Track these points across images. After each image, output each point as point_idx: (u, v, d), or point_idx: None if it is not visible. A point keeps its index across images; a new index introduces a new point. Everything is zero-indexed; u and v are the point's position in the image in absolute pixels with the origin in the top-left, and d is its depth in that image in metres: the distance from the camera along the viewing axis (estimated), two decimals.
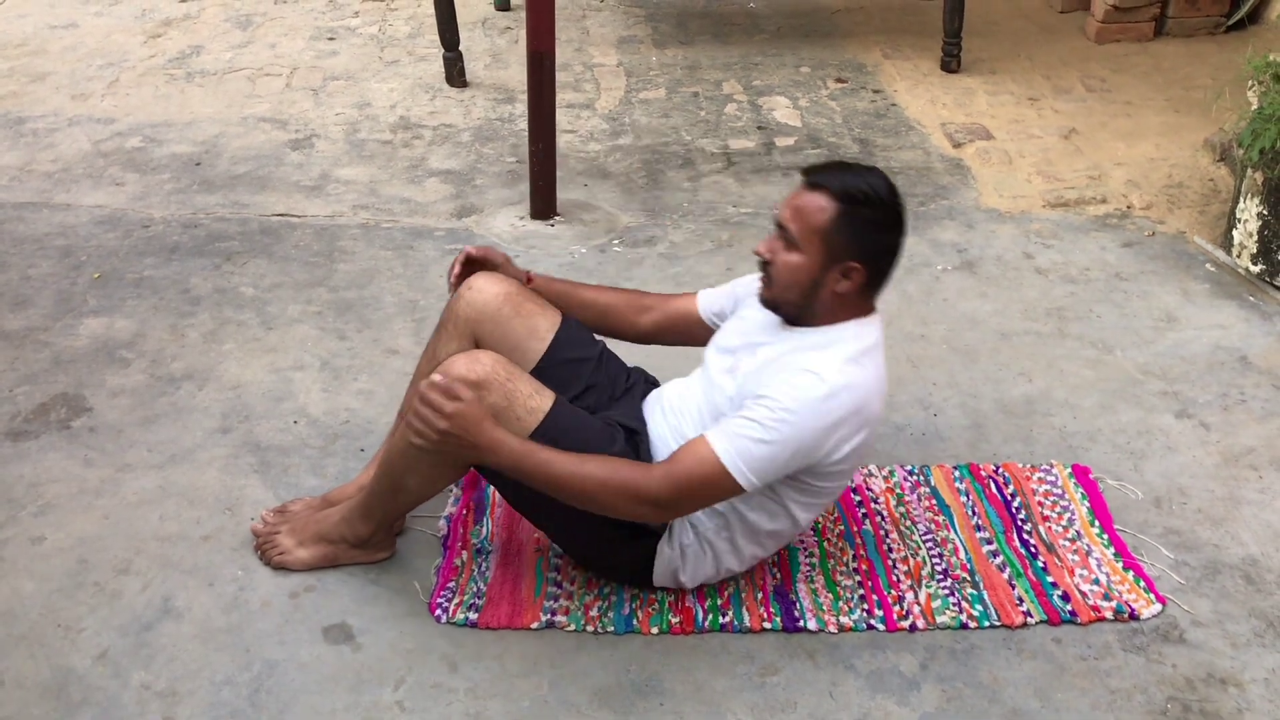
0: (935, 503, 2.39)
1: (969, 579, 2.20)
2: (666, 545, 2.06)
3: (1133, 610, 2.12)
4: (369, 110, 4.20)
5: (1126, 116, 4.17)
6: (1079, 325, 3.01)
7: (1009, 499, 2.40)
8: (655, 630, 2.08)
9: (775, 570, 2.20)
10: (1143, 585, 2.18)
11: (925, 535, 2.30)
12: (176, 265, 3.22)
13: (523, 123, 3.95)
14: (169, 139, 3.96)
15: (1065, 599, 2.15)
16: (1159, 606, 2.14)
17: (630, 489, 1.87)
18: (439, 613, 2.10)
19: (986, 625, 2.10)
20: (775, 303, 2.02)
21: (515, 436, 1.90)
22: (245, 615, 2.10)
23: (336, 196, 3.62)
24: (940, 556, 2.25)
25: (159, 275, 3.17)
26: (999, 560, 2.25)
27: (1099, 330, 2.99)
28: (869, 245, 1.95)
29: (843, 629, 2.09)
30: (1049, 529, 2.33)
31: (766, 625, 2.09)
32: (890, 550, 2.26)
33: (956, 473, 2.47)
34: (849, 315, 1.99)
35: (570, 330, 2.23)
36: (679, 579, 2.11)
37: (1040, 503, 2.39)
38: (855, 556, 2.25)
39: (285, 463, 2.47)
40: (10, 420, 2.59)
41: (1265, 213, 3.11)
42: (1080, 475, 2.46)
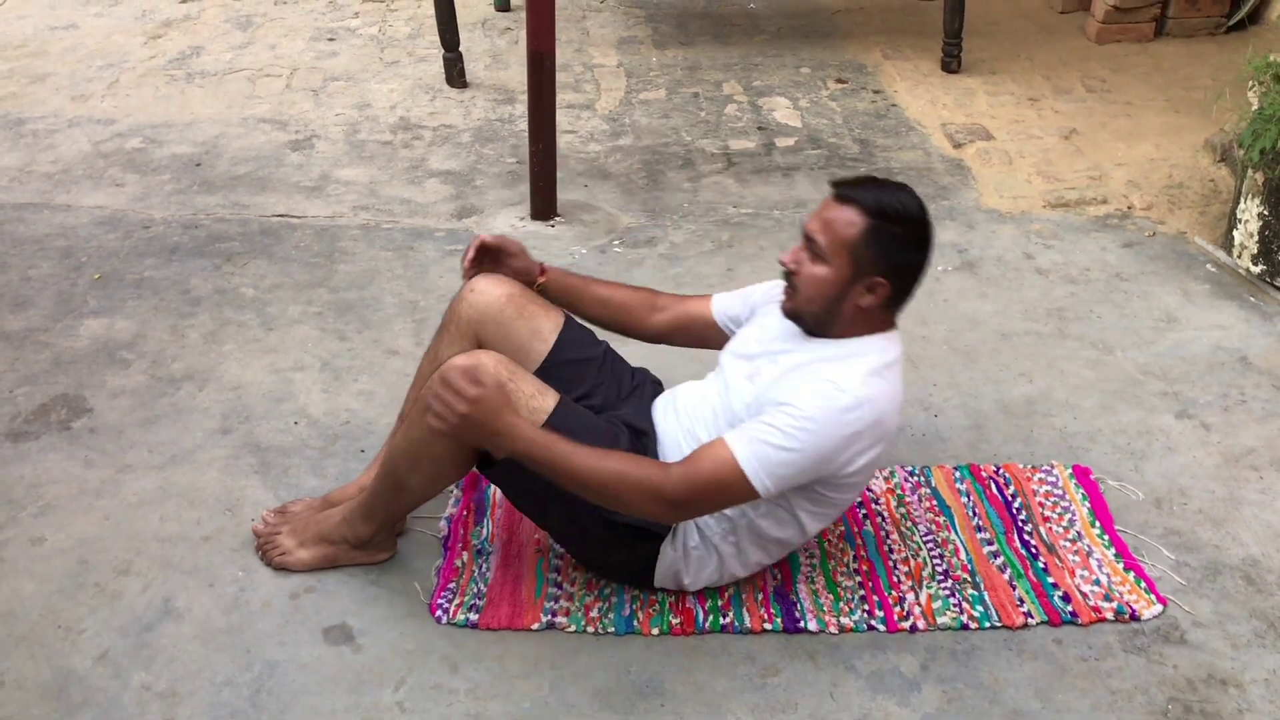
0: (936, 503, 2.39)
1: (970, 580, 2.20)
2: (670, 547, 2.06)
3: (1133, 611, 2.12)
4: (369, 111, 4.20)
5: (1127, 117, 4.17)
6: (1079, 326, 3.01)
7: (1010, 500, 2.40)
8: (656, 631, 2.08)
9: (776, 571, 2.20)
10: (1143, 586, 2.18)
11: (926, 536, 2.30)
12: (177, 266, 3.22)
13: (523, 123, 3.95)
14: (169, 140, 3.96)
15: (1066, 600, 2.15)
16: (1160, 607, 2.14)
17: (648, 487, 1.86)
18: (439, 613, 2.10)
19: (987, 626, 2.10)
20: (798, 313, 2.01)
21: (534, 426, 1.88)
22: (246, 616, 2.10)
23: (337, 197, 3.62)
24: (941, 557, 2.25)
25: (159, 276, 3.17)
26: (1000, 561, 2.25)
27: (1099, 331, 2.99)
28: (896, 262, 1.95)
29: (843, 630, 2.09)
30: (1050, 530, 2.32)
31: (767, 626, 2.09)
32: (891, 551, 2.26)
33: (957, 473, 2.47)
34: (870, 329, 1.99)
35: (573, 331, 2.23)
36: (681, 581, 2.10)
37: (1041, 503, 2.39)
38: (856, 557, 2.25)
39: (286, 463, 2.47)
40: (10, 421, 2.59)
41: (1266, 213, 3.11)
42: (1081, 476, 2.46)
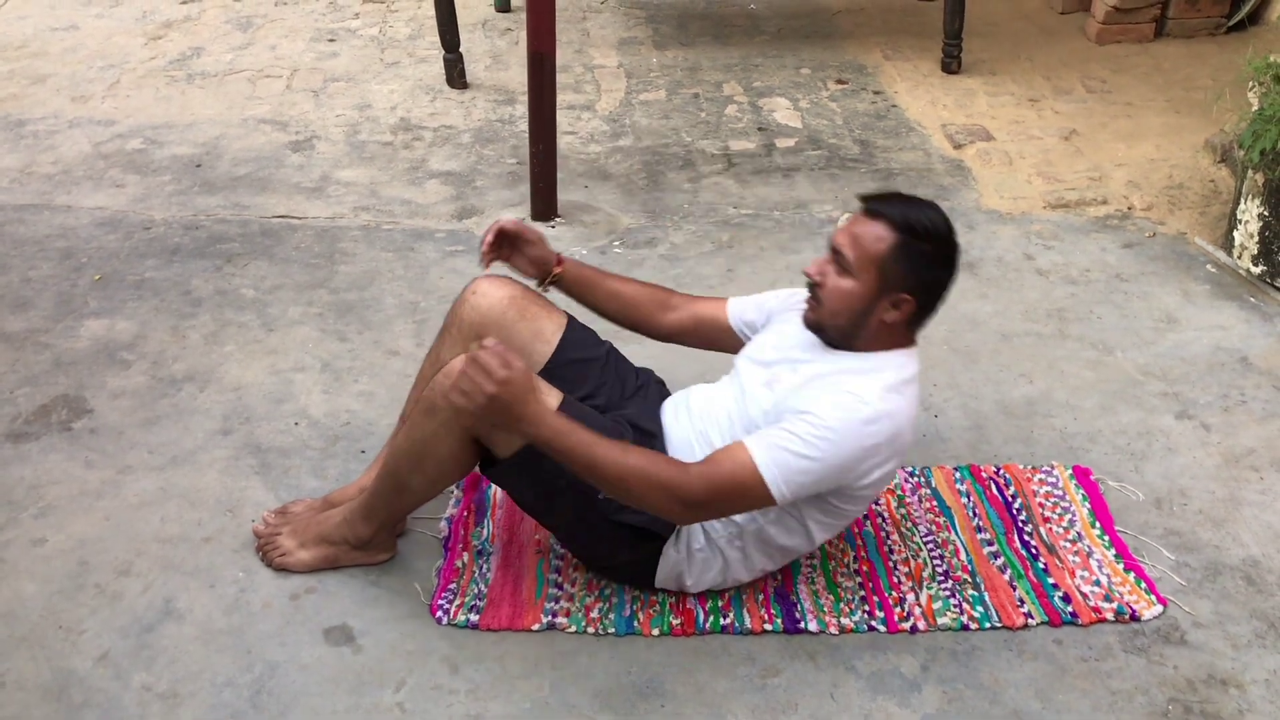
0: (936, 504, 2.39)
1: (970, 580, 2.20)
2: (673, 548, 2.05)
3: (1134, 611, 2.12)
4: (369, 112, 4.20)
5: (1127, 117, 4.17)
6: (1079, 326, 3.01)
7: (1010, 500, 2.40)
8: (656, 632, 2.08)
9: (776, 572, 2.20)
10: (1144, 586, 2.18)
11: (926, 536, 2.30)
12: (177, 267, 3.22)
13: (523, 124, 3.95)
14: (169, 141, 3.96)
15: (1066, 600, 2.15)
16: (1160, 608, 2.14)
17: (667, 485, 1.84)
18: (440, 614, 2.10)
19: (987, 626, 2.10)
20: (820, 325, 2.01)
21: (557, 414, 1.84)
22: (246, 617, 2.10)
23: (337, 198, 3.62)
24: (941, 558, 2.25)
25: (160, 277, 3.17)
26: (1000, 561, 2.25)
27: (1100, 331, 2.99)
28: (923, 279, 1.95)
29: (844, 630, 2.09)
30: (1050, 530, 2.33)
31: (767, 627, 2.09)
32: (891, 551, 2.26)
33: (957, 474, 2.47)
34: (891, 345, 1.99)
35: (576, 332, 2.23)
36: (683, 582, 2.10)
37: (1041, 504, 2.39)
38: (856, 558, 2.25)
39: (286, 464, 2.48)
40: (11, 422, 2.59)
41: (1266, 214, 3.11)
42: (1081, 476, 2.46)
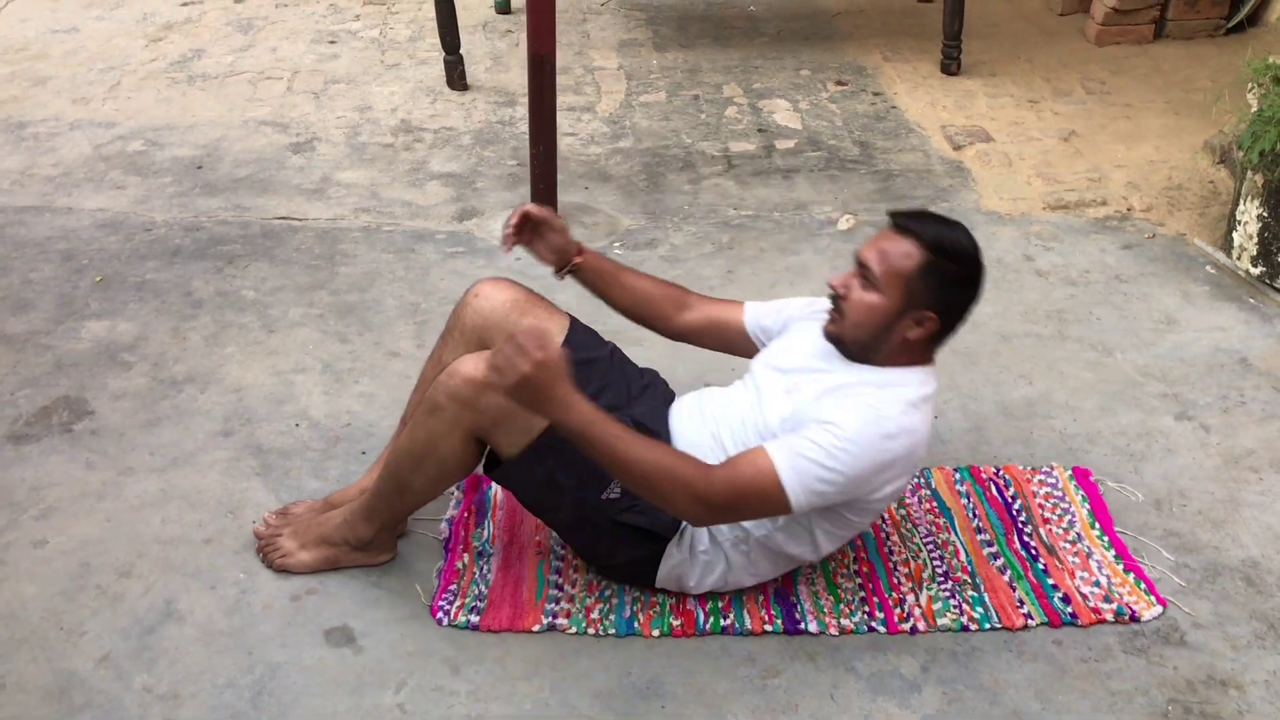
0: (936, 505, 2.39)
1: (970, 581, 2.20)
2: (676, 549, 2.05)
3: (1133, 612, 2.13)
4: (370, 113, 4.21)
5: (1126, 119, 4.17)
6: (1079, 327, 3.02)
7: (1009, 501, 2.40)
8: (656, 633, 2.08)
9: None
10: (1143, 587, 2.18)
11: (926, 537, 2.30)
12: (178, 268, 3.22)
13: (523, 126, 3.95)
14: (170, 142, 3.96)
15: (1066, 601, 2.15)
16: (1160, 608, 2.14)
17: (689, 485, 1.83)
18: (440, 615, 2.10)
19: (987, 627, 2.11)
20: (841, 337, 2.01)
21: (589, 402, 1.83)
22: (247, 618, 2.10)
23: (338, 199, 3.62)
24: (941, 559, 2.25)
25: (161, 278, 3.17)
26: (1000, 562, 2.25)
27: (1099, 332, 3.00)
28: (947, 298, 1.96)
29: (844, 631, 2.09)
30: (1049, 531, 2.33)
31: (768, 627, 2.09)
32: (891, 552, 2.27)
33: (957, 475, 2.47)
34: (910, 361, 2.00)
35: (580, 333, 2.23)
36: (684, 584, 2.10)
37: (1041, 505, 2.39)
38: (856, 559, 2.25)
39: (287, 465, 2.48)
40: (12, 423, 2.60)
41: (1265, 215, 3.11)
42: (1080, 477, 2.46)
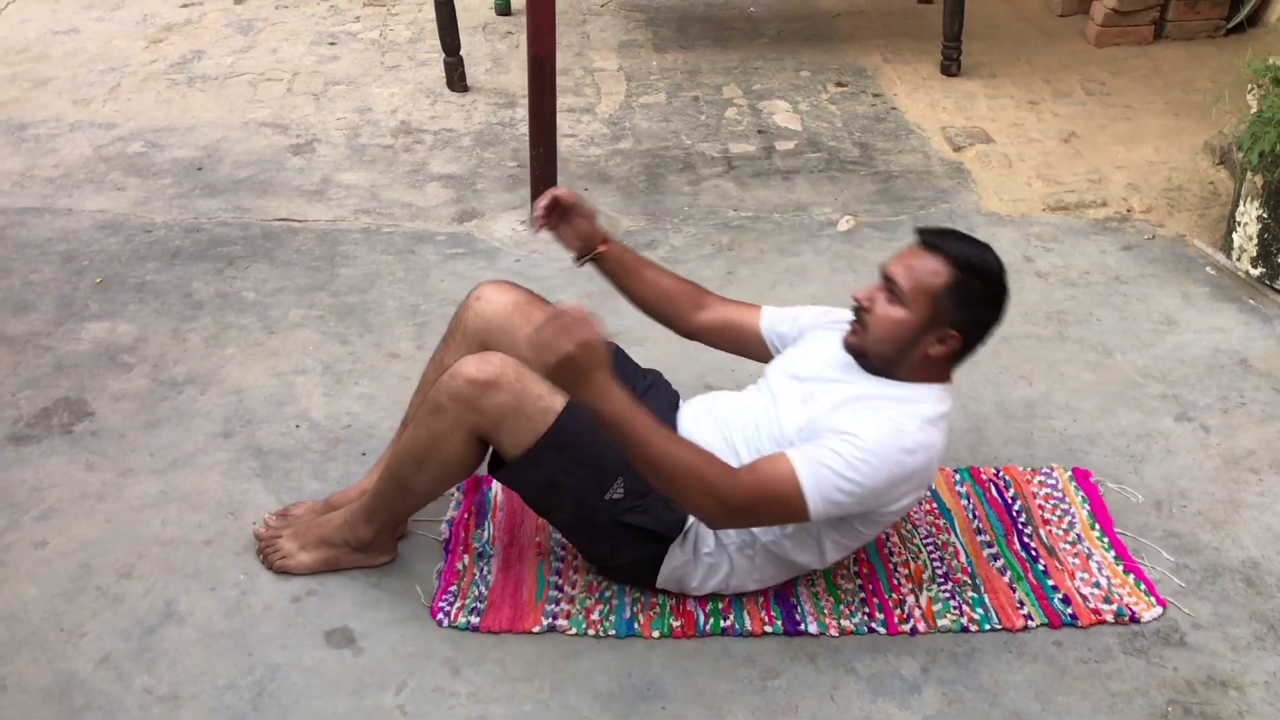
0: (936, 506, 2.39)
1: (970, 582, 2.20)
2: (679, 549, 2.05)
3: (1133, 613, 2.13)
4: (370, 115, 4.21)
5: (1126, 120, 4.17)
6: (1079, 328, 3.02)
7: (1009, 502, 2.40)
8: (657, 634, 2.08)
9: None
10: (1143, 588, 2.18)
11: (926, 538, 2.31)
12: (178, 270, 3.22)
13: (523, 127, 3.95)
14: (170, 144, 3.97)
15: (1066, 602, 2.15)
16: (1159, 609, 2.14)
17: (711, 485, 1.82)
18: (440, 616, 2.10)
19: (987, 628, 2.11)
20: (862, 349, 2.01)
21: (625, 391, 1.80)
22: (247, 619, 2.10)
23: (338, 201, 3.62)
24: (941, 560, 2.25)
25: (161, 280, 3.17)
26: (1000, 563, 2.25)
27: (1099, 333, 3.00)
28: (972, 317, 1.97)
29: (844, 632, 2.09)
30: (1049, 532, 2.33)
31: (768, 628, 2.09)
32: (891, 553, 2.27)
33: (957, 476, 2.47)
34: (929, 378, 2.00)
35: None
36: (686, 585, 2.10)
37: (1041, 506, 2.39)
38: (856, 560, 2.25)
39: (287, 467, 2.48)
40: (13, 425, 2.60)
41: (1265, 216, 3.11)
42: (1080, 478, 2.46)
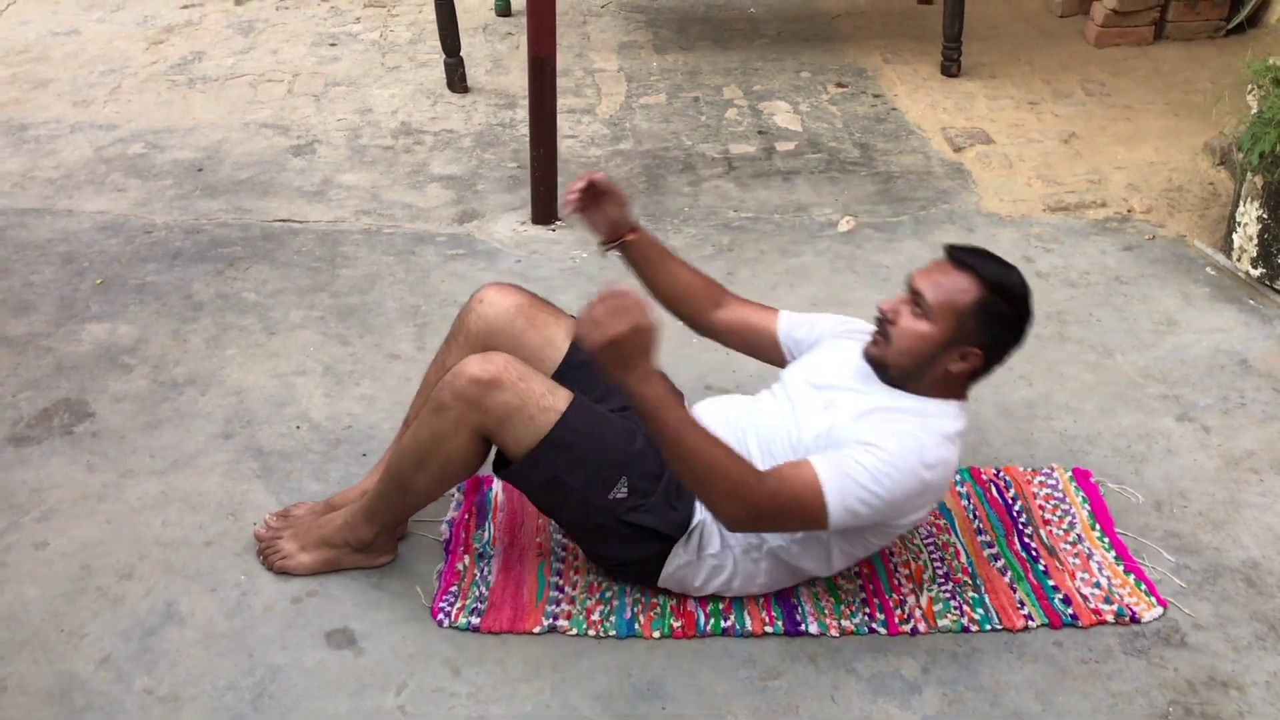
0: (936, 506, 2.39)
1: (970, 582, 2.20)
2: (683, 549, 2.05)
3: (1134, 613, 2.13)
4: (370, 116, 4.21)
5: (1126, 120, 4.17)
6: (1079, 329, 3.02)
7: (1010, 502, 2.40)
8: (657, 634, 2.08)
9: None
10: (1144, 588, 2.18)
11: (926, 539, 2.30)
12: (179, 271, 3.22)
13: (524, 128, 3.95)
14: (171, 145, 3.97)
15: (1066, 602, 2.15)
16: (1160, 610, 2.14)
17: (740, 486, 1.82)
18: (441, 617, 2.10)
19: (988, 628, 2.11)
20: (883, 361, 2.01)
21: (665, 382, 1.78)
22: (248, 620, 2.10)
23: (338, 202, 3.62)
24: (941, 560, 2.25)
25: (161, 281, 3.17)
26: (1000, 563, 2.25)
27: (1099, 334, 3.00)
28: (996, 337, 1.98)
29: (844, 632, 2.09)
30: (1050, 532, 2.33)
31: (768, 629, 2.09)
32: (891, 554, 2.27)
33: (957, 476, 2.47)
34: (946, 394, 2.01)
35: None
36: (688, 585, 2.10)
37: (1041, 506, 2.39)
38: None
39: (287, 468, 2.48)
40: (13, 426, 2.60)
41: (1265, 216, 3.11)
42: (1081, 479, 2.46)
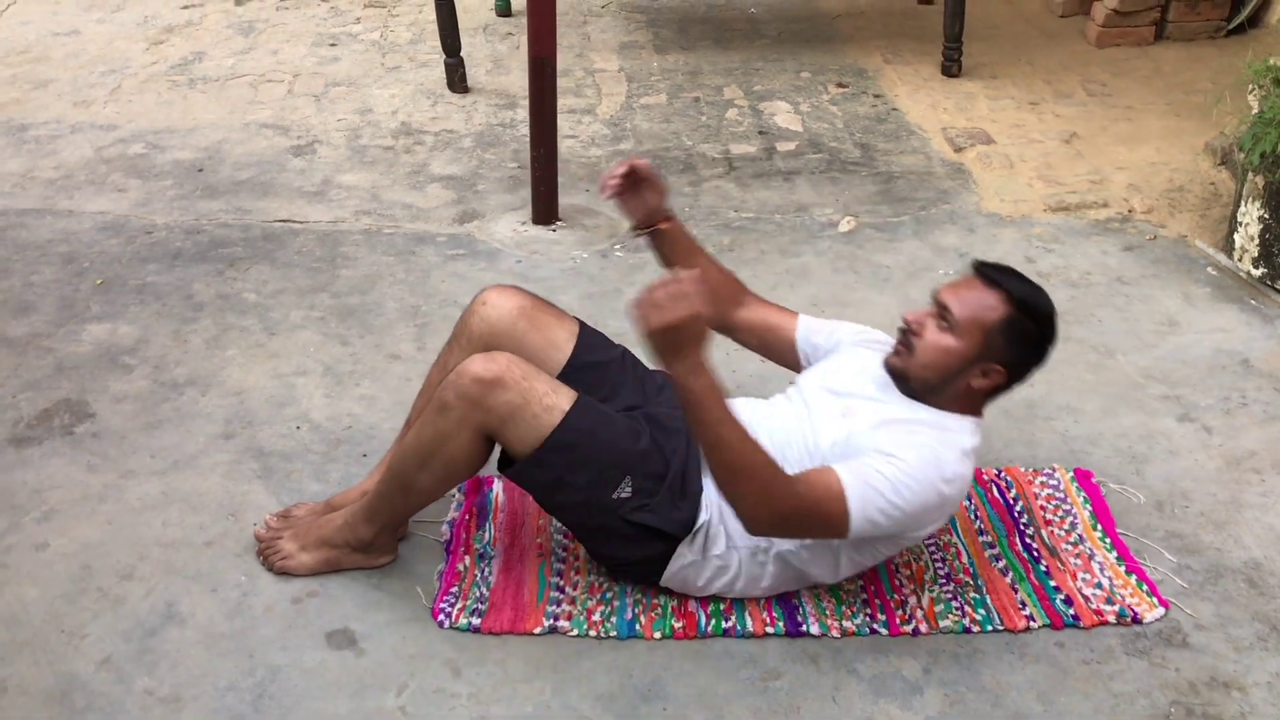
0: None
1: (971, 583, 2.20)
2: (688, 549, 2.04)
3: (1135, 614, 2.12)
4: (371, 116, 4.21)
5: (1127, 120, 4.17)
6: (1081, 329, 3.01)
7: (1011, 503, 2.40)
8: (658, 635, 2.08)
9: None
10: (1145, 589, 2.18)
11: (928, 539, 2.30)
12: (179, 271, 3.22)
13: (524, 128, 3.95)
14: (171, 145, 3.97)
15: (1068, 602, 2.15)
16: (1162, 610, 2.14)
17: (769, 488, 1.82)
18: (442, 618, 2.10)
19: (989, 629, 2.10)
20: (905, 372, 2.01)
21: (714, 375, 1.79)
22: (248, 621, 2.10)
23: (338, 202, 3.62)
24: (943, 560, 2.25)
25: (162, 281, 3.17)
26: (1002, 564, 2.25)
27: (1100, 334, 3.00)
28: (1019, 356, 1.98)
29: (845, 633, 2.09)
30: (1051, 533, 2.33)
31: (769, 630, 2.09)
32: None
33: None
34: (963, 409, 2.01)
35: (589, 336, 2.22)
36: (690, 584, 2.10)
37: (1043, 506, 2.39)
38: None
39: (288, 468, 2.48)
40: (14, 426, 2.60)
41: (1266, 216, 3.11)
42: (1082, 479, 2.46)
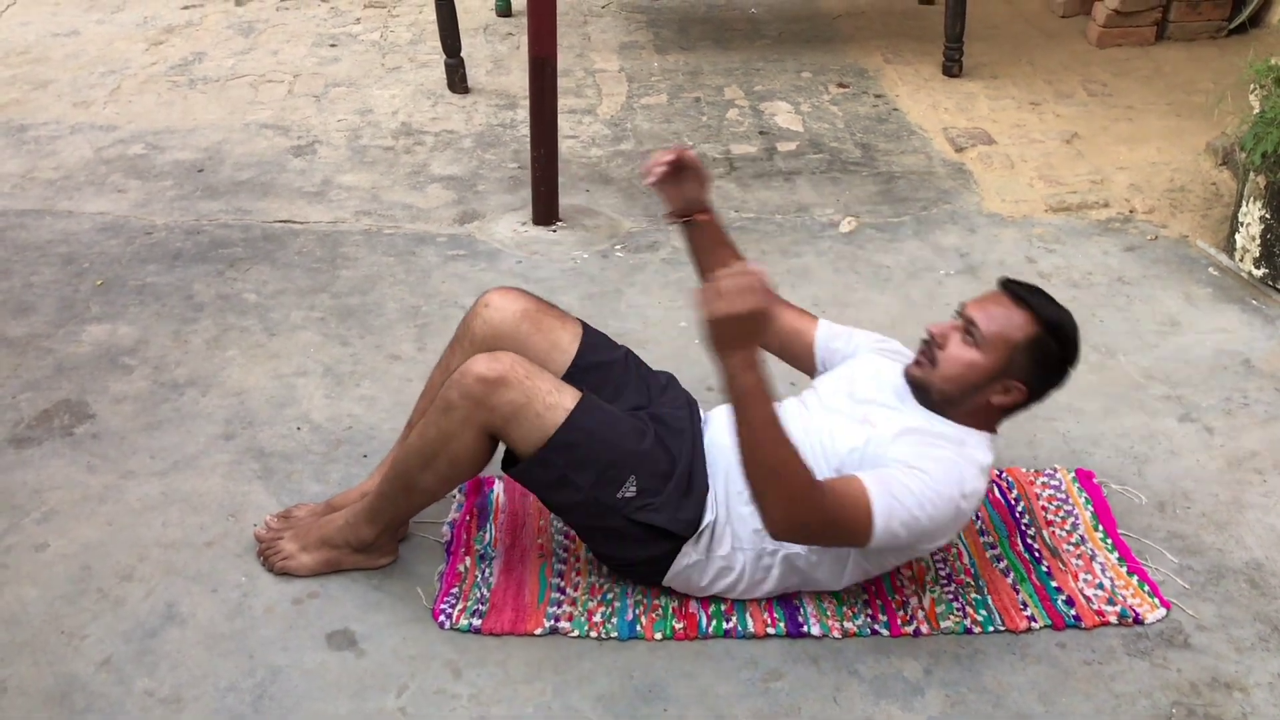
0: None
1: (973, 583, 2.20)
2: (693, 549, 2.04)
3: (1137, 614, 2.12)
4: (371, 116, 4.21)
5: (1128, 121, 4.17)
6: (1082, 329, 3.00)
7: (1013, 504, 2.39)
8: (659, 636, 2.07)
9: None
10: (1147, 589, 2.18)
11: None
12: (179, 272, 3.22)
13: (524, 128, 3.95)
14: (171, 146, 3.96)
15: (1069, 603, 2.15)
16: (1163, 611, 2.14)
17: (798, 491, 1.81)
18: (442, 619, 2.10)
19: (990, 630, 2.10)
20: (926, 383, 2.01)
21: (765, 372, 1.78)
22: (249, 621, 2.10)
23: (339, 203, 3.62)
24: (944, 561, 2.25)
25: (161, 282, 3.17)
26: (1003, 565, 2.25)
27: (1102, 334, 2.99)
28: (1041, 376, 1.99)
29: (847, 634, 2.09)
30: (1053, 533, 2.32)
31: (770, 630, 2.08)
32: None
33: None
34: (980, 424, 2.02)
35: (592, 337, 2.22)
36: (693, 584, 2.09)
37: (1044, 507, 2.39)
38: None
39: (288, 469, 2.47)
40: (14, 427, 2.59)
41: (1268, 216, 3.11)
42: (1084, 480, 2.46)
